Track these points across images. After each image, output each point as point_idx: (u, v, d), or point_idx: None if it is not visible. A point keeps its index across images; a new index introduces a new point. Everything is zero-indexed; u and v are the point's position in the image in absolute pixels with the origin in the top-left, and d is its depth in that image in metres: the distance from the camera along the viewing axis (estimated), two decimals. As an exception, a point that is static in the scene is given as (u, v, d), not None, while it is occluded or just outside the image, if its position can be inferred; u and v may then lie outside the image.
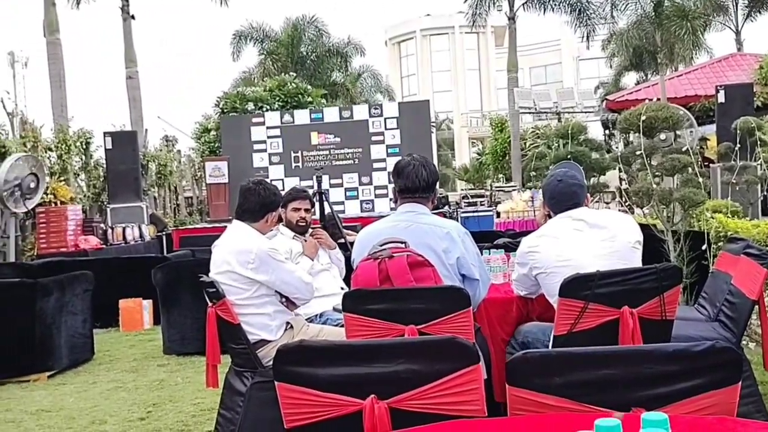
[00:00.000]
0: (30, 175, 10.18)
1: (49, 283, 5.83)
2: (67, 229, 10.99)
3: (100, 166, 14.31)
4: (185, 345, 6.22)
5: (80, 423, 4.39)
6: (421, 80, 43.72)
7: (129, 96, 18.07)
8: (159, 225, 14.20)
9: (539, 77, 42.86)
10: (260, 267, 3.45)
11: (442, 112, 39.79)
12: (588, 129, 11.97)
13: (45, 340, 5.68)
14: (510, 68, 21.45)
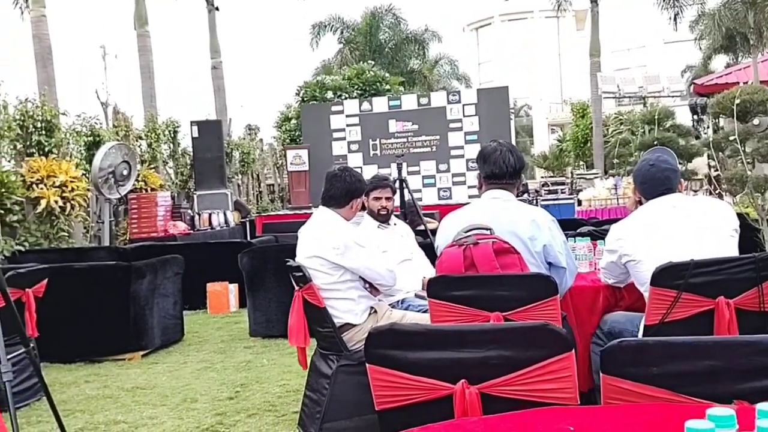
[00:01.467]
0: (123, 162, 10.62)
1: (142, 266, 6.09)
2: (157, 214, 11.41)
3: (187, 154, 14.79)
4: (270, 328, 6.38)
5: (173, 400, 4.58)
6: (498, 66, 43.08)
7: (214, 86, 18.57)
8: (243, 211, 14.59)
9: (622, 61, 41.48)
10: (345, 253, 3.51)
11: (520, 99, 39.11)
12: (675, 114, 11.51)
13: (139, 320, 5.94)
14: (592, 52, 20.86)
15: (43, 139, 10.00)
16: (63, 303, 5.54)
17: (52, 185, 9.39)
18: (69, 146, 10.77)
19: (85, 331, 5.79)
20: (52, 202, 9.28)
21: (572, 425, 1.48)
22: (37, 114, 10.03)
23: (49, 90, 11.06)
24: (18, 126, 9.76)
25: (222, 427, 3.99)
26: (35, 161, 9.58)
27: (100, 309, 5.85)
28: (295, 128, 18.31)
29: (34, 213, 9.36)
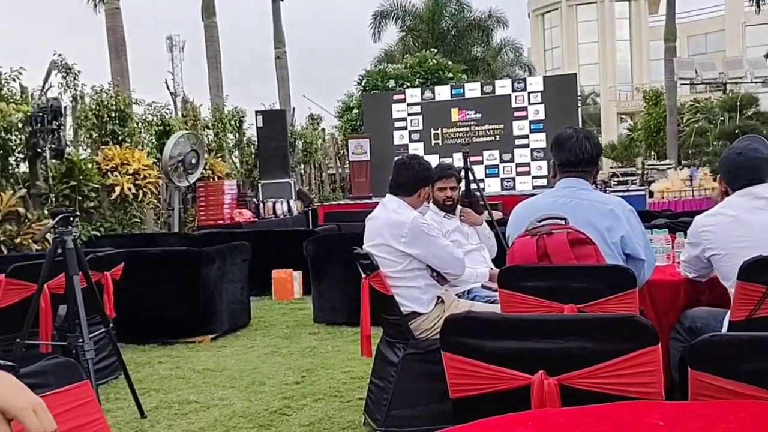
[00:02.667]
0: (191, 151, 10.87)
1: (212, 252, 6.22)
2: (223, 202, 11.65)
3: (251, 143, 15.02)
4: (334, 315, 6.44)
5: (241, 383, 4.67)
6: (565, 53, 42.19)
7: (277, 75, 18.81)
8: (305, 200, 14.75)
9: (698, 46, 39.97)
10: (413, 241, 3.50)
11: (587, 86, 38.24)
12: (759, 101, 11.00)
13: (208, 305, 6.08)
14: (667, 37, 20.19)
15: (117, 128, 10.31)
16: (137, 286, 5.70)
17: (125, 173, 9.69)
18: (141, 135, 11.08)
19: (158, 313, 5.96)
20: (125, 190, 9.57)
21: (661, 420, 1.44)
22: (111, 104, 10.35)
23: (122, 80, 11.41)
24: (94, 115, 10.09)
25: (289, 410, 4.05)
26: (110, 149, 9.90)
27: (172, 293, 6.01)
28: (356, 118, 18.37)
29: (108, 200, 9.68)
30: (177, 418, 3.99)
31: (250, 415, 3.99)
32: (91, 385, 1.75)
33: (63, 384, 1.65)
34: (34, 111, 8.66)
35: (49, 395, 1.62)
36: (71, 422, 1.65)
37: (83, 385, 1.71)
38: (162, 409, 4.15)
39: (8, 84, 8.94)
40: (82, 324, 3.52)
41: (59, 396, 1.64)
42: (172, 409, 4.16)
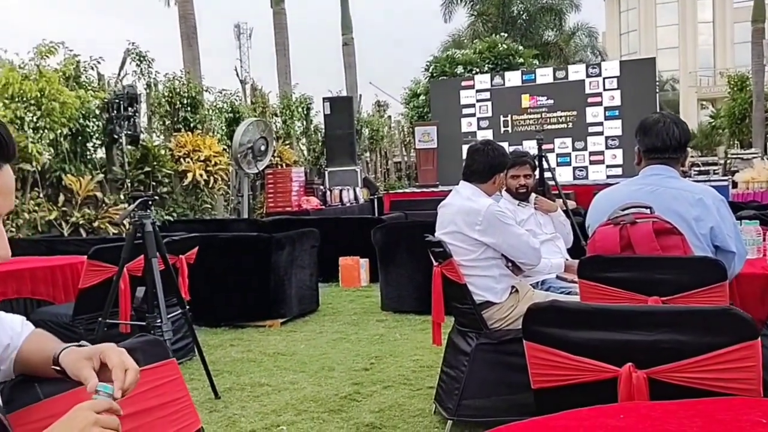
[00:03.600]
0: (260, 138, 11.03)
1: (282, 238, 6.29)
2: (291, 189, 11.79)
3: (318, 130, 15.14)
4: (402, 303, 6.43)
5: (311, 368, 4.71)
6: (642, 36, 40.77)
7: (345, 62, 18.86)
8: (371, 188, 14.80)
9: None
10: (487, 229, 3.44)
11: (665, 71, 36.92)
12: None
13: (278, 290, 6.16)
14: (755, 18, 19.28)
15: (189, 115, 10.54)
16: (209, 270, 5.82)
17: (197, 159, 9.90)
18: (212, 122, 11.30)
19: (229, 297, 6.07)
20: (197, 176, 9.79)
21: (764, 418, 1.36)
22: (183, 91, 10.58)
23: (194, 68, 11.63)
24: (167, 102, 10.34)
25: (359, 396, 4.06)
26: (182, 136, 10.13)
27: (243, 277, 6.11)
28: (423, 104, 18.29)
29: (180, 185, 9.92)
30: (249, 400, 4.06)
31: (320, 399, 4.02)
32: (176, 364, 1.78)
33: (151, 361, 1.68)
34: (110, 98, 8.93)
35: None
36: (158, 399, 1.68)
37: (170, 363, 1.74)
38: (235, 391, 4.23)
39: (86, 72, 9.24)
40: (160, 305, 3.61)
41: (148, 373, 1.66)
42: (245, 391, 4.23)
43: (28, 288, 4.69)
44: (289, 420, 3.69)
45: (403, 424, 3.59)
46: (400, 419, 3.66)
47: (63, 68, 8.64)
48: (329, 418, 3.71)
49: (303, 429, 3.56)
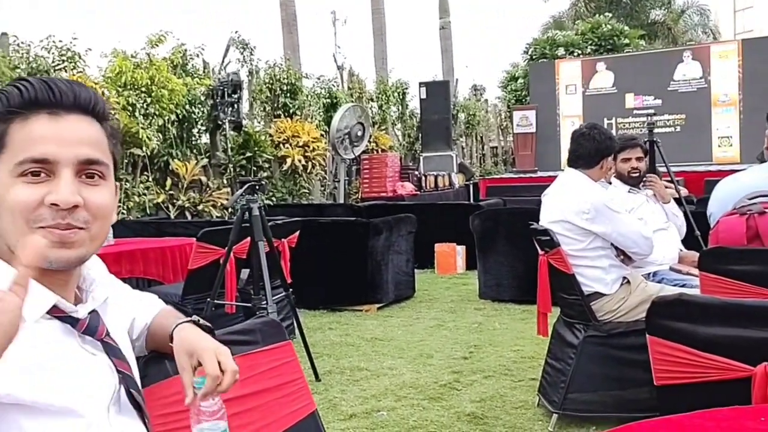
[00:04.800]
0: (357, 124, 11.10)
1: (379, 223, 6.31)
2: (386, 175, 11.83)
3: (414, 115, 15.10)
4: (500, 291, 6.33)
5: (409, 354, 4.71)
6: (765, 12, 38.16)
7: (441, 46, 18.71)
8: (467, 174, 14.66)
9: None
10: (596, 218, 3.31)
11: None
12: None
13: (375, 275, 6.19)
14: None
15: (288, 101, 10.73)
16: (308, 254, 5.89)
17: (296, 145, 10.08)
18: (310, 108, 11.46)
19: (328, 281, 6.14)
20: (296, 161, 9.97)
21: None
22: (283, 78, 10.77)
23: (293, 54, 11.81)
24: (267, 89, 10.56)
25: (459, 385, 4.02)
26: (282, 122, 10.33)
27: (341, 261, 6.18)
28: (521, 88, 17.92)
29: (280, 170, 10.13)
30: (349, 384, 4.09)
31: (419, 386, 4.01)
32: (292, 346, 1.78)
33: (269, 342, 1.69)
34: (215, 85, 9.19)
35: (256, 353, 1.67)
36: (275, 379, 1.70)
37: (286, 345, 1.75)
38: (335, 374, 4.27)
39: (193, 60, 9.55)
40: (266, 287, 3.68)
41: (266, 354, 1.68)
42: (344, 374, 4.27)
43: (140, 268, 4.89)
44: (389, 405, 3.69)
45: (505, 416, 3.52)
46: (502, 410, 3.60)
47: (171, 57, 8.96)
48: (429, 406, 3.69)
49: (403, 415, 3.55)
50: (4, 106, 1.05)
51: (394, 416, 3.53)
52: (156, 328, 1.42)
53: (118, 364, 1.16)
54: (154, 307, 1.47)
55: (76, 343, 1.11)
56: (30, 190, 1.03)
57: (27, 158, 1.03)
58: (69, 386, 1.05)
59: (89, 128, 1.09)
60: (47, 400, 1.02)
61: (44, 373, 1.03)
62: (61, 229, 1.04)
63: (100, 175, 1.09)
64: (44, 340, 1.05)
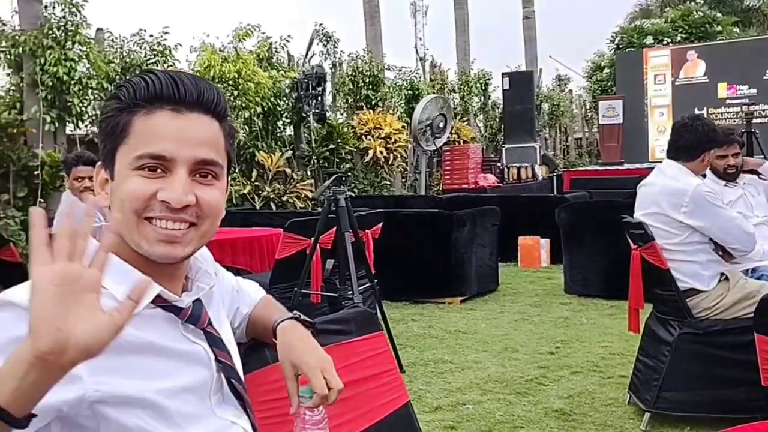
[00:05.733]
0: (439, 115, 11.05)
1: (463, 215, 6.26)
2: (468, 167, 11.74)
3: (496, 106, 14.92)
4: (587, 286, 6.18)
5: (494, 347, 4.66)
6: None
7: (524, 36, 18.38)
8: (550, 166, 14.38)
9: None
10: (695, 211, 3.18)
11: None
12: None
13: (458, 267, 6.15)
14: None
15: (371, 93, 10.79)
16: (390, 245, 5.90)
17: (378, 137, 10.13)
18: (392, 100, 11.48)
19: (410, 273, 6.14)
20: (378, 153, 10.01)
21: None
22: (365, 70, 10.83)
23: (375, 47, 11.85)
24: (350, 81, 10.65)
25: (546, 380, 3.95)
26: (364, 114, 10.39)
27: (423, 253, 6.17)
28: (607, 78, 17.43)
29: (361, 162, 10.20)
30: (434, 376, 4.08)
31: (505, 380, 3.96)
32: (385, 336, 1.79)
33: (363, 333, 1.70)
34: (299, 78, 9.33)
35: (350, 342, 1.68)
36: (368, 370, 1.70)
37: (379, 336, 1.76)
38: (419, 366, 4.27)
39: (278, 53, 9.72)
40: (352, 278, 3.71)
41: (359, 344, 1.69)
42: (428, 366, 4.26)
43: (229, 257, 5.02)
44: (475, 399, 3.66)
45: (594, 413, 3.44)
46: (590, 407, 3.51)
47: (257, 50, 9.15)
48: (515, 400, 3.63)
49: (489, 409, 3.52)
50: (131, 98, 1.07)
51: (480, 410, 3.50)
52: (257, 318, 1.44)
53: (218, 353, 1.17)
54: (256, 295, 1.49)
55: (179, 331, 1.12)
56: (144, 184, 1.05)
57: (146, 153, 1.04)
58: (163, 376, 1.06)
59: (209, 128, 1.10)
60: (150, 388, 1.03)
61: (146, 360, 1.05)
62: (170, 224, 1.06)
63: (214, 175, 1.10)
64: (147, 329, 1.07)
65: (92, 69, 6.94)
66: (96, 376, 0.97)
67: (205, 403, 1.14)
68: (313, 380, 1.21)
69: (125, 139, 1.07)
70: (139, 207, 1.04)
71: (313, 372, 1.23)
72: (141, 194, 1.04)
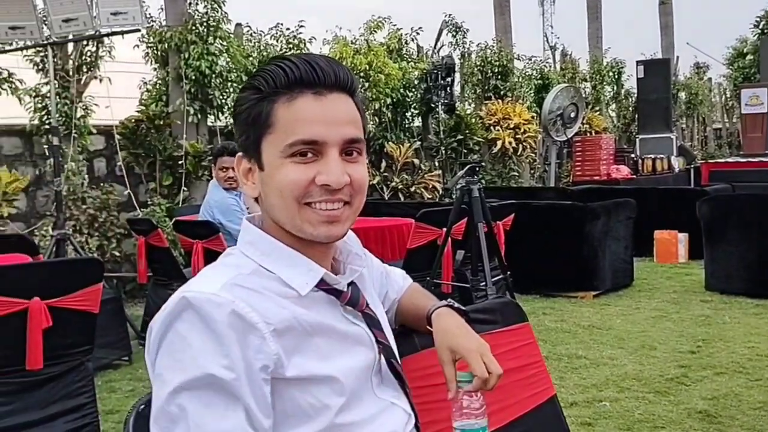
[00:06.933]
0: (570, 105, 10.76)
1: (596, 208, 6.10)
2: (600, 158, 11.37)
3: (630, 95, 14.35)
4: (730, 283, 5.85)
5: (630, 344, 4.51)
6: None
7: (661, 22, 17.50)
8: (687, 157, 13.66)
9: None
10: None
11: None
12: None
13: (591, 261, 6.00)
14: None
15: (499, 84, 10.67)
16: (521, 237, 5.82)
17: (506, 127, 10.00)
18: (521, 89, 11.30)
19: (541, 265, 6.04)
20: (506, 144, 9.90)
21: None
22: (494, 60, 10.72)
23: (505, 36, 11.69)
24: (479, 71, 10.59)
25: (687, 380, 3.78)
26: (492, 104, 10.30)
27: (556, 246, 6.05)
28: (750, 65, 16.30)
29: (489, 153, 10.11)
30: (567, 371, 4.01)
31: (643, 378, 3.83)
32: (531, 328, 1.78)
33: (509, 323, 1.69)
34: (429, 69, 9.37)
35: (496, 333, 1.68)
36: (514, 361, 1.69)
37: (525, 327, 1.75)
38: (552, 360, 4.20)
39: (407, 45, 9.80)
40: (485, 269, 3.70)
41: (505, 334, 1.68)
42: (562, 361, 4.19)
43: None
44: (612, 396, 3.57)
45: (741, 416, 3.26)
46: (737, 410, 3.34)
47: (388, 42, 9.27)
48: (655, 400, 3.51)
49: (627, 407, 3.41)
50: (270, 87, 1.08)
51: (618, 408, 3.41)
52: (408, 305, 1.46)
53: (377, 335, 1.19)
54: (403, 282, 1.51)
55: (340, 313, 1.15)
56: (300, 171, 1.07)
57: (297, 140, 1.06)
58: (335, 356, 1.10)
59: (348, 106, 1.12)
60: (319, 370, 1.06)
61: (321, 341, 1.09)
62: (329, 205, 1.09)
63: (359, 151, 1.13)
64: (317, 311, 1.11)
65: (232, 63, 7.26)
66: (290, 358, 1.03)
67: (367, 384, 1.16)
68: (473, 364, 1.21)
69: (270, 127, 1.08)
70: (300, 194, 1.07)
71: (473, 356, 1.23)
72: (301, 182, 1.07)
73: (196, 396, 0.96)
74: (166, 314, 1.01)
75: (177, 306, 1.00)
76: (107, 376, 4.15)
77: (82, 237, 6.06)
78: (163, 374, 0.99)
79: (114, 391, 3.92)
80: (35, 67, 6.25)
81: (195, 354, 0.97)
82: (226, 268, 1.10)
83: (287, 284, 1.10)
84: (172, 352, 0.99)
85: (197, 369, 0.96)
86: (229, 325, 0.98)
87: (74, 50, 6.43)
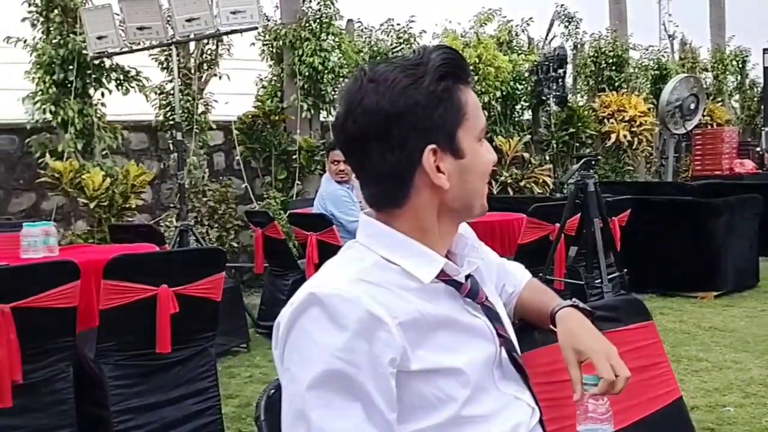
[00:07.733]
0: (690, 96, 10.24)
1: (720, 204, 5.82)
2: (722, 151, 10.78)
3: (755, 86, 13.51)
4: None
5: (757, 348, 4.27)
6: None
7: (792, 7, 16.36)
8: (820, 150, 12.71)
9: None
10: None
11: None
12: None
13: (713, 260, 5.73)
14: None
15: (614, 75, 10.31)
16: (639, 234, 5.61)
17: (621, 120, 9.66)
18: (637, 81, 10.88)
19: (659, 263, 5.80)
20: (621, 137, 9.56)
21: None
22: (608, 50, 10.38)
23: (620, 25, 11.27)
24: (592, 62, 10.28)
25: (821, 389, 3.54)
26: (606, 96, 9.97)
27: (675, 243, 5.82)
28: None
29: (603, 147, 9.80)
30: (687, 374, 3.84)
31: (771, 385, 3.62)
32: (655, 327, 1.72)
33: (632, 321, 1.65)
34: (540, 60, 9.18)
35: (618, 331, 1.64)
36: (637, 361, 1.64)
37: (649, 325, 1.70)
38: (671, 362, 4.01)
39: (518, 36, 9.63)
40: (600, 266, 3.61)
41: (628, 333, 1.64)
42: (681, 363, 4.02)
43: (471, 240, 5.11)
44: (736, 402, 3.40)
45: None
46: None
47: (498, 34, 9.15)
48: (785, 408, 3.31)
49: (754, 414, 3.24)
50: (454, 78, 1.12)
51: (743, 414, 3.24)
52: (528, 300, 1.44)
53: (498, 327, 1.19)
54: (522, 276, 1.50)
55: (460, 305, 1.16)
56: (489, 152, 1.18)
57: (483, 126, 1.17)
58: (459, 348, 1.10)
59: None
60: (445, 363, 1.07)
61: (445, 333, 1.10)
62: None
63: None
64: (438, 303, 1.11)
65: (343, 58, 7.38)
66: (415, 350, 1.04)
67: (490, 377, 1.16)
68: (600, 366, 1.19)
69: (466, 115, 1.13)
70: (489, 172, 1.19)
71: (600, 358, 1.21)
72: (494, 161, 1.20)
73: (318, 396, 0.98)
74: (293, 310, 1.04)
75: (304, 302, 1.03)
76: (226, 362, 4.33)
77: (203, 228, 6.35)
78: (291, 369, 1.03)
79: (233, 376, 4.09)
80: (160, 66, 6.59)
81: (320, 349, 0.99)
82: (348, 262, 1.13)
83: (409, 274, 1.11)
84: (298, 348, 1.02)
85: (322, 364, 0.99)
86: (358, 320, 1.00)
87: (196, 49, 6.73)
